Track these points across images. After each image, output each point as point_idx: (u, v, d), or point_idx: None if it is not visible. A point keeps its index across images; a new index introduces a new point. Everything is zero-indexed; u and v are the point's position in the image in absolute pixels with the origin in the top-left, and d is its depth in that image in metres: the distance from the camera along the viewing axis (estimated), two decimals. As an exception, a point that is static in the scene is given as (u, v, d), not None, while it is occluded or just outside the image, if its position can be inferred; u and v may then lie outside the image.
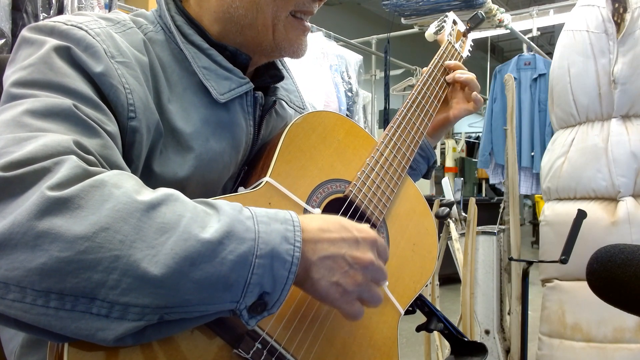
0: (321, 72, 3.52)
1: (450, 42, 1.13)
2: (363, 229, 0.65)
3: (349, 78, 3.91)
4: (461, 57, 1.14)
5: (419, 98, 0.99)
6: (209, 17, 0.77)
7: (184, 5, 0.79)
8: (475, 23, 1.21)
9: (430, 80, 1.03)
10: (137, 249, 0.49)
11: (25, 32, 0.66)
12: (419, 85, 1.01)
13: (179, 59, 0.75)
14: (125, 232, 0.49)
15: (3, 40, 2.01)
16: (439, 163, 7.42)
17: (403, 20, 3.88)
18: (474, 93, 1.05)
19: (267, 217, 0.57)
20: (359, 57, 4.13)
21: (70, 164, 0.51)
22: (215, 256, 0.52)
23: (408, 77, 4.85)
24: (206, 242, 0.51)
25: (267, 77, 0.87)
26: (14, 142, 0.52)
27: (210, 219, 0.54)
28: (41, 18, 2.13)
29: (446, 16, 1.20)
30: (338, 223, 0.64)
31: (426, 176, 1.14)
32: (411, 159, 0.91)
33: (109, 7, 2.45)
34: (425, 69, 1.06)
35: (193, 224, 0.52)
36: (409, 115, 0.95)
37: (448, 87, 1.07)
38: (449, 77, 1.06)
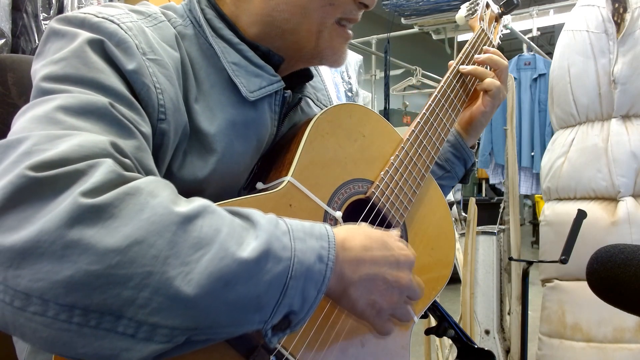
0: (321, 72, 3.51)
1: (483, 30, 1.05)
2: (403, 247, 0.64)
3: (349, 78, 3.91)
4: (493, 45, 1.07)
5: (448, 91, 0.93)
6: (247, 19, 0.74)
7: (218, 2, 0.75)
8: (509, 7, 1.13)
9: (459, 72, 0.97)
10: (171, 266, 0.46)
11: (54, 24, 0.62)
12: (449, 76, 0.95)
13: (208, 55, 0.72)
14: (160, 247, 0.46)
15: (3, 40, 2.01)
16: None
17: (403, 20, 3.88)
18: (486, 81, 0.96)
19: (302, 233, 0.54)
20: (359, 57, 4.13)
21: (105, 168, 0.48)
22: (250, 277, 0.49)
23: (408, 77, 4.84)
24: (243, 261, 0.48)
25: (296, 77, 0.83)
26: (47, 139, 0.49)
27: (247, 234, 0.51)
28: (41, 18, 2.12)
29: None
30: (380, 239, 0.62)
31: (464, 180, 1.06)
32: (436, 158, 0.87)
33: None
34: (453, 62, 0.99)
35: (230, 240, 0.49)
36: (437, 110, 0.89)
37: (477, 80, 1.00)
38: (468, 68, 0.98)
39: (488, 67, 1.00)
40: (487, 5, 1.12)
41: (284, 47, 0.75)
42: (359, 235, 0.61)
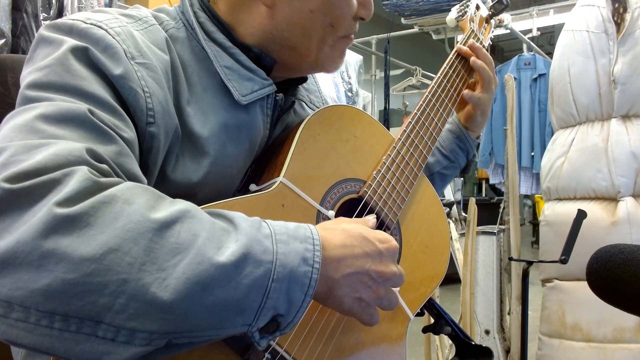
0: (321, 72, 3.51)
1: (472, 30, 1.07)
2: (385, 239, 0.64)
3: (349, 78, 3.91)
4: (483, 46, 1.08)
5: (439, 91, 0.94)
6: (245, 30, 0.74)
7: (211, 4, 0.76)
8: (499, 9, 1.16)
9: (450, 71, 0.98)
10: (147, 272, 0.46)
11: (43, 31, 0.63)
12: (439, 77, 0.96)
13: (200, 58, 0.72)
14: (135, 254, 0.46)
15: (3, 40, 2.01)
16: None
17: (403, 20, 3.89)
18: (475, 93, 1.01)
19: (286, 235, 0.55)
20: (359, 57, 4.13)
21: (80, 176, 0.48)
22: (229, 281, 0.49)
23: (408, 77, 4.84)
24: (221, 265, 0.49)
25: (289, 80, 0.84)
26: (24, 149, 0.49)
27: (228, 237, 0.51)
28: (41, 18, 2.13)
29: (469, 0, 1.14)
30: (360, 235, 0.61)
31: (465, 171, 1.10)
32: (428, 157, 0.88)
33: (109, 6, 2.44)
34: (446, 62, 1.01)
35: (208, 245, 0.49)
36: (427, 110, 0.91)
37: (468, 78, 1.03)
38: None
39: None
40: (478, 7, 1.14)
41: (280, 59, 0.76)
42: (337, 233, 0.61)
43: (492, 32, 1.17)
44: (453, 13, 1.14)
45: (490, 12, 1.16)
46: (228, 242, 0.51)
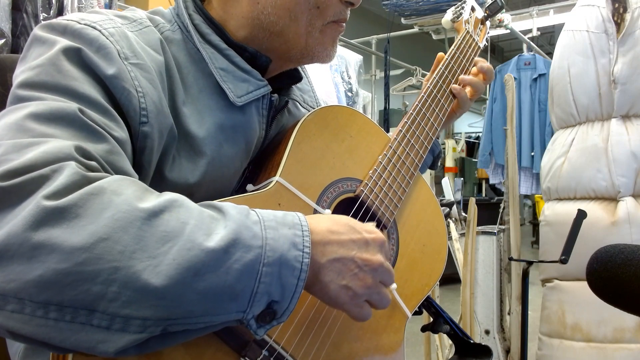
0: (321, 72, 3.52)
1: (468, 32, 1.07)
2: (372, 230, 0.64)
3: (349, 78, 3.91)
4: (479, 47, 1.08)
5: (435, 91, 0.94)
6: (236, 22, 0.75)
7: (206, 6, 0.76)
8: (494, 10, 1.16)
9: (446, 72, 0.99)
10: (138, 260, 0.47)
11: (37, 30, 0.64)
12: (435, 77, 0.97)
13: (196, 60, 0.73)
14: (125, 242, 0.47)
15: (3, 40, 2.01)
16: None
17: (403, 20, 3.89)
18: (467, 89, 1.01)
19: (275, 222, 0.55)
20: (359, 57, 4.13)
21: (69, 171, 0.49)
22: (220, 266, 0.50)
23: (408, 77, 4.84)
24: (210, 251, 0.50)
25: (285, 78, 0.84)
26: (14, 148, 0.50)
27: (217, 224, 0.52)
28: (41, 18, 2.13)
29: (464, 2, 1.15)
30: (347, 224, 0.62)
31: (432, 167, 1.11)
32: (424, 156, 0.88)
33: (108, 7, 2.44)
34: (438, 64, 1.01)
35: (197, 231, 0.50)
36: (423, 109, 0.91)
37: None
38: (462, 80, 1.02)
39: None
40: (473, 9, 1.14)
41: (272, 48, 0.76)
42: (324, 219, 0.62)
43: (488, 33, 1.17)
44: (449, 15, 1.15)
45: (485, 14, 1.16)
46: (217, 228, 0.52)
